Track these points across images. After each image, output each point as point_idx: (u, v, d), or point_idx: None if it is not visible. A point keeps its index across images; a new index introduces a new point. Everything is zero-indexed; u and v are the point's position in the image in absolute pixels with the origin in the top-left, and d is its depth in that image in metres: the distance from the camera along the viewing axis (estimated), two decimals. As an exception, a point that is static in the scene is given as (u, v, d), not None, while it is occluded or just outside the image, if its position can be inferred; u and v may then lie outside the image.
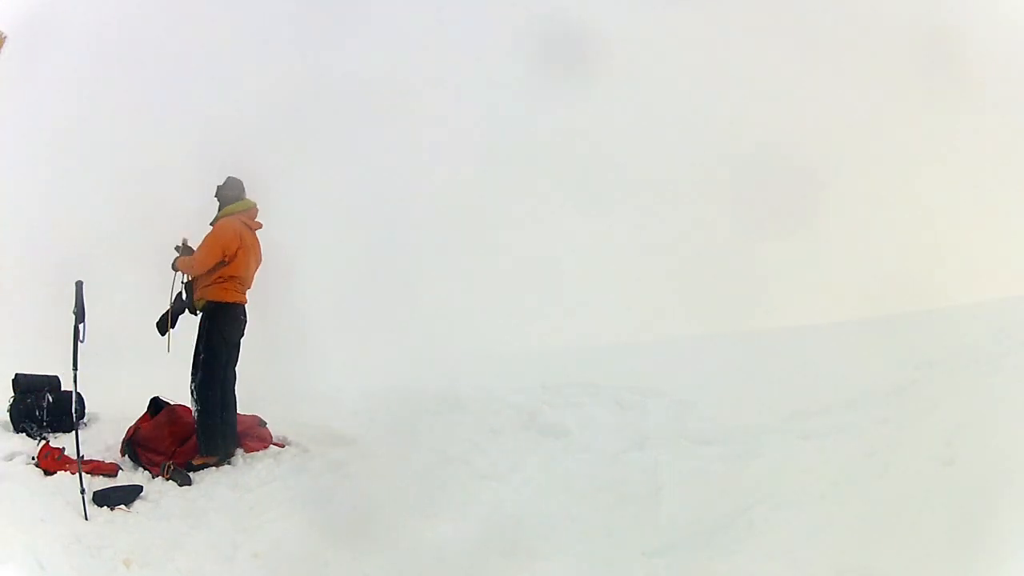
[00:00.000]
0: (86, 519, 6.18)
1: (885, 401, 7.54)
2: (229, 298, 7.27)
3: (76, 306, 6.69)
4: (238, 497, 6.78)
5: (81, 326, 6.67)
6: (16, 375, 7.48)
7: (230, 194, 7.43)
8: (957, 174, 11.00)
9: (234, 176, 7.51)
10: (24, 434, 7.26)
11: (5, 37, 7.74)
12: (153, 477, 6.98)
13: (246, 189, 7.51)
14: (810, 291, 10.09)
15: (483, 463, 7.38)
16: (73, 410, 6.73)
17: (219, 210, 7.43)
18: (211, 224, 7.37)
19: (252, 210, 7.48)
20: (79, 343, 6.66)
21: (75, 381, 6.67)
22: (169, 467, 7.02)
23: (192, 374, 7.18)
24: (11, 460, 6.75)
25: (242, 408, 8.20)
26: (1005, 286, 9.34)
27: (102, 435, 7.33)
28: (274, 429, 7.92)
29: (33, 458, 6.78)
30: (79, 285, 6.73)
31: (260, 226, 7.51)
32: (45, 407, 7.35)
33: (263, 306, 9.81)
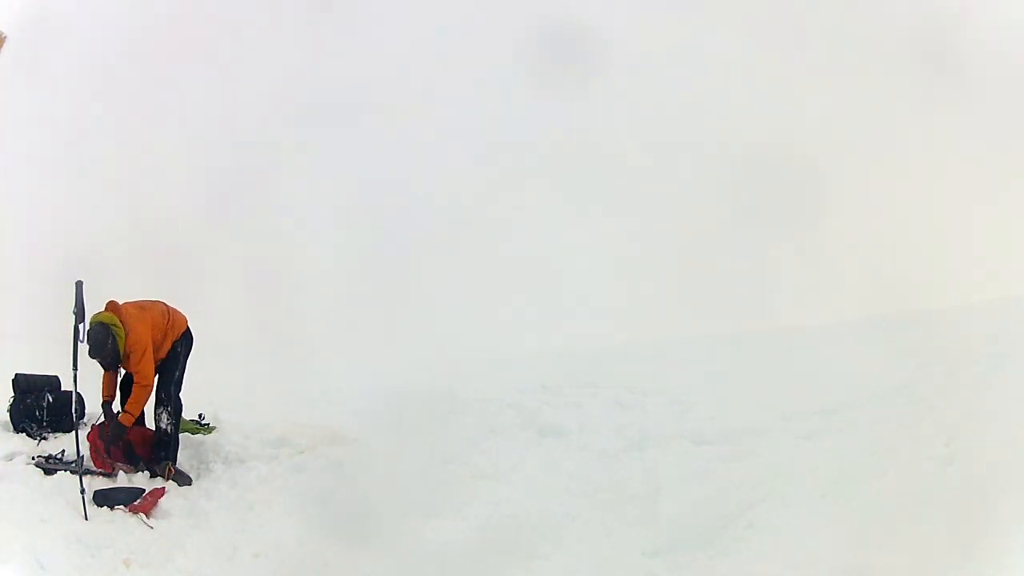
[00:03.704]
0: (86, 519, 6.17)
1: (885, 401, 7.54)
2: (184, 320, 7.28)
3: (76, 306, 6.68)
4: (238, 497, 6.78)
5: (81, 326, 6.66)
6: (16, 375, 7.48)
7: (107, 332, 6.83)
8: (957, 174, 11.00)
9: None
10: (24, 434, 7.25)
11: (5, 37, 7.74)
12: (152, 477, 6.98)
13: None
14: (810, 291, 10.10)
15: (483, 463, 7.38)
16: (73, 410, 6.72)
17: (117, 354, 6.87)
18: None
19: (113, 308, 6.99)
20: (79, 343, 6.65)
21: (75, 381, 6.66)
22: (169, 468, 7.02)
23: (165, 393, 7.08)
24: (11, 460, 6.74)
25: (243, 408, 8.24)
26: (1005, 286, 9.35)
27: (102, 435, 7.32)
28: (274, 429, 7.92)
29: (33, 458, 6.77)
30: (79, 285, 6.72)
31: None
32: (45, 407, 7.34)
33: (263, 306, 9.84)
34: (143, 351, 6.90)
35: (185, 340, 7.25)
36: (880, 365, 8.10)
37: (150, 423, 7.19)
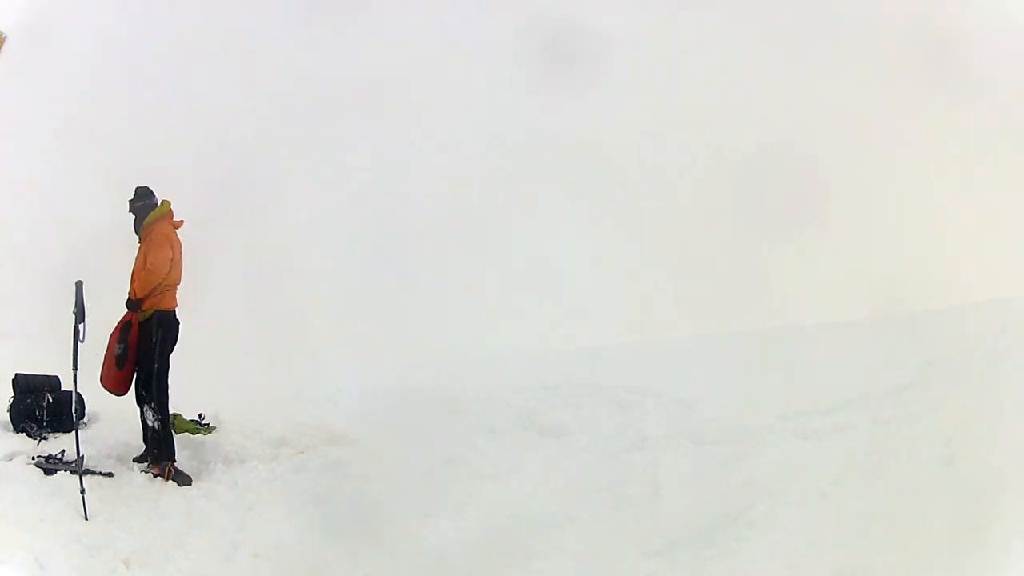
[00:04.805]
0: (86, 519, 6.17)
1: (885, 401, 7.54)
2: (174, 304, 7.22)
3: (76, 306, 6.69)
4: (238, 497, 6.78)
5: (81, 326, 6.67)
6: (16, 375, 7.48)
7: (148, 202, 7.29)
8: (957, 174, 11.00)
9: (141, 185, 7.35)
10: (24, 434, 7.25)
11: (5, 37, 7.75)
12: (154, 477, 6.99)
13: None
14: (810, 291, 10.10)
15: (483, 463, 7.38)
16: (73, 410, 6.72)
17: (141, 221, 7.25)
18: (139, 234, 7.24)
19: (170, 211, 7.32)
20: (79, 343, 6.66)
21: (75, 381, 6.67)
22: (169, 468, 7.02)
23: (144, 388, 7.05)
24: (11, 460, 6.74)
25: (243, 408, 8.24)
26: (1005, 286, 9.34)
27: (102, 435, 7.33)
28: (274, 429, 7.93)
29: (33, 458, 6.77)
30: (79, 285, 6.74)
31: (181, 224, 7.35)
32: (45, 407, 7.34)
33: (263, 306, 9.84)
34: (160, 244, 7.07)
35: (163, 326, 7.12)
36: (880, 365, 8.11)
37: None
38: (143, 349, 7.07)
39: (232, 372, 9.11)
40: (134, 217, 7.29)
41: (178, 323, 7.23)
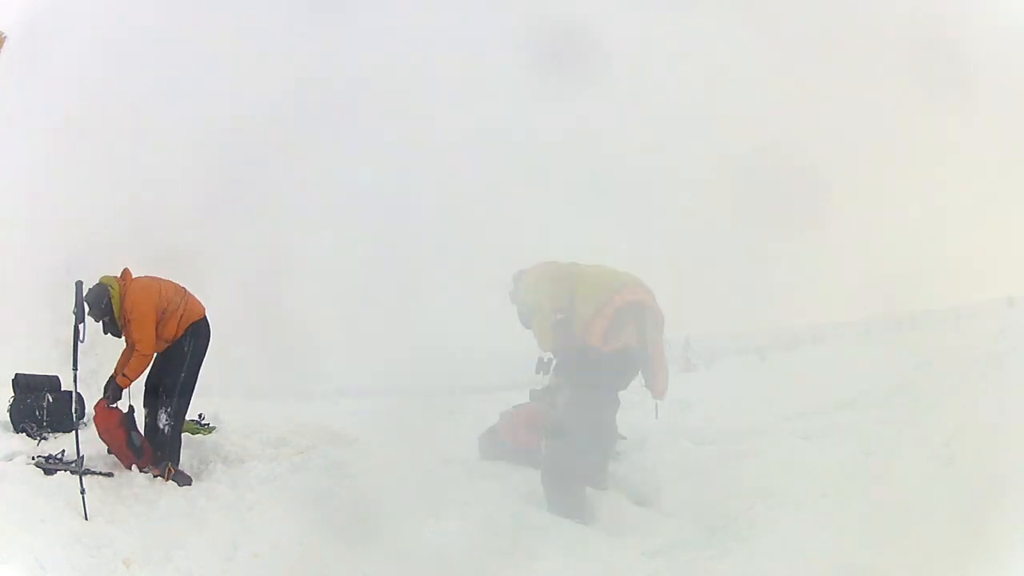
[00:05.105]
0: (86, 519, 6.17)
1: (885, 401, 7.56)
2: (201, 310, 7.22)
3: (76, 306, 6.70)
4: (238, 497, 6.78)
5: (81, 326, 6.68)
6: (16, 375, 7.48)
7: (102, 296, 6.94)
8: (957, 174, 11.00)
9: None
10: (24, 434, 7.25)
11: (5, 37, 7.75)
12: (154, 477, 6.99)
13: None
14: (811, 291, 10.10)
15: (483, 463, 7.39)
16: (73, 410, 6.72)
17: (112, 316, 6.95)
18: (121, 328, 7.00)
19: (120, 281, 7.04)
20: (79, 343, 6.66)
21: (75, 381, 6.67)
22: (169, 468, 7.02)
23: (167, 394, 7.02)
24: (11, 460, 6.74)
25: (243, 408, 8.25)
26: (1005, 286, 9.35)
27: (102, 435, 7.32)
28: (274, 429, 7.93)
29: (33, 458, 6.77)
30: (79, 285, 6.75)
31: (129, 272, 7.14)
32: (45, 407, 7.34)
33: (263, 306, 9.84)
34: (141, 318, 6.89)
35: (196, 336, 7.14)
36: (880, 365, 8.12)
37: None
38: (173, 358, 7.08)
39: (232, 372, 9.11)
40: (104, 320, 6.98)
41: (209, 332, 7.20)
